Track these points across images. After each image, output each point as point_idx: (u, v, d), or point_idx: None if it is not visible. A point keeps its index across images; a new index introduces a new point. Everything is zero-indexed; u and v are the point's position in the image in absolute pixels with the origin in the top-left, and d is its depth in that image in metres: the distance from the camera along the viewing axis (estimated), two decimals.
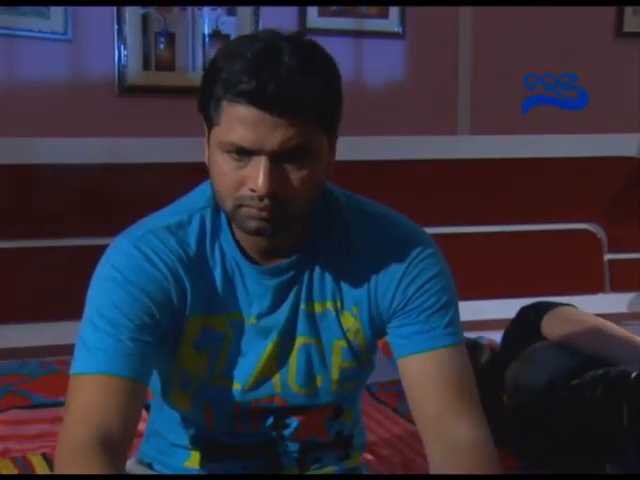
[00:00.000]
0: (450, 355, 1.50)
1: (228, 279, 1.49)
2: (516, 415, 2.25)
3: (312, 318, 1.51)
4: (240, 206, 1.38)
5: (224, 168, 1.37)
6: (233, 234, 1.48)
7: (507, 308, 2.69)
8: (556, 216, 3.07)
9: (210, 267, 1.48)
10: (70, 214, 2.94)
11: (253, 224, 1.39)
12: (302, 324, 1.51)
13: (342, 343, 1.53)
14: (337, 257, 1.50)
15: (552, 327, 2.35)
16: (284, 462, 1.61)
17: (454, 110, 3.44)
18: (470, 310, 2.90)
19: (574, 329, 2.31)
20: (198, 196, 1.51)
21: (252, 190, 1.36)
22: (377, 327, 1.53)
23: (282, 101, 1.31)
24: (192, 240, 1.47)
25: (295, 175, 1.37)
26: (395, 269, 1.49)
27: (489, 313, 3.02)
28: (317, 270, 1.50)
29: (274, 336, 1.50)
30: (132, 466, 1.68)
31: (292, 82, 1.31)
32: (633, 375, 2.06)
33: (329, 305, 1.51)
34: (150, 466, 1.68)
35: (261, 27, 3.13)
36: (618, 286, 3.10)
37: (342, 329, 1.52)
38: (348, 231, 1.51)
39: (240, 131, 1.33)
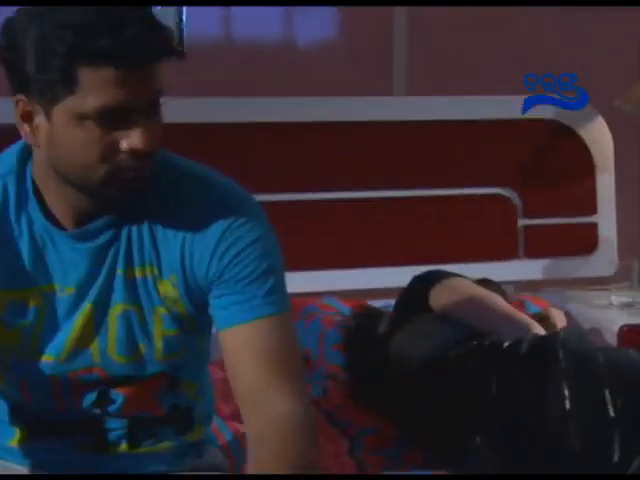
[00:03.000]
0: (271, 326, 1.43)
1: (37, 250, 1.42)
2: (399, 387, 2.20)
3: (131, 284, 1.44)
4: (116, 171, 1.32)
5: (89, 138, 1.30)
6: (40, 202, 1.41)
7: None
8: (469, 180, 2.99)
9: (15, 238, 1.41)
10: None
11: (131, 186, 1.35)
12: (120, 290, 1.44)
13: (162, 311, 1.46)
14: (154, 221, 1.44)
15: (439, 298, 2.30)
16: (111, 438, 1.55)
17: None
18: (384, 276, 2.85)
19: (459, 301, 2.26)
20: None
21: (130, 151, 1.30)
22: (196, 297, 1.46)
23: (145, 54, 1.27)
24: None
25: (159, 126, 1.34)
26: (210, 237, 1.42)
27: (404, 280, 2.95)
28: (135, 233, 1.43)
29: (87, 303, 1.44)
30: None
31: (145, 31, 1.26)
32: (505, 345, 2.01)
33: (147, 271, 1.44)
34: None
35: None
36: (532, 252, 3.04)
37: (160, 297, 1.45)
38: (164, 193, 1.44)
39: (109, 93, 1.27)
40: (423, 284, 2.36)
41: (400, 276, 2.55)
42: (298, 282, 2.89)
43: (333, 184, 2.92)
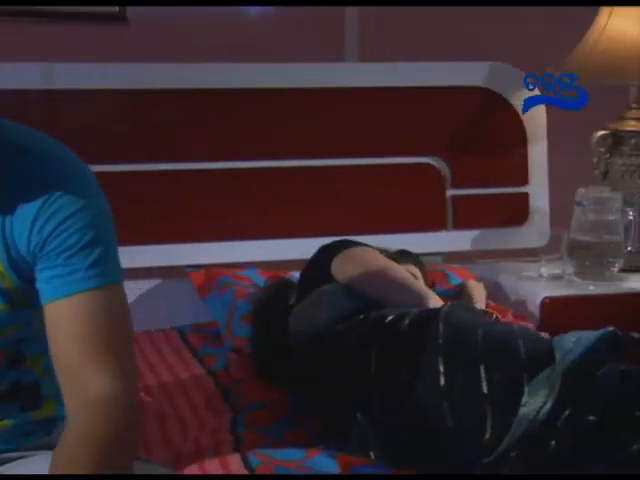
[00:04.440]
0: (94, 299, 1.38)
1: None
2: (293, 360, 2.16)
3: None
4: None
5: None
6: None
7: None
8: (397, 149, 2.92)
9: None
10: None
11: None
12: None
13: None
14: None
15: (341, 268, 2.25)
16: None
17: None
18: (310, 247, 2.77)
19: (359, 271, 2.21)
20: None
21: None
22: (23, 271, 1.41)
23: None
24: None
25: None
26: (29, 209, 1.37)
27: None
28: None
29: None
30: None
31: None
32: (388, 319, 1.95)
33: None
34: None
35: None
36: (461, 223, 2.97)
37: None
38: None
39: None
40: (327, 254, 2.31)
41: None
42: (221, 252, 2.86)
43: (252, 153, 2.86)
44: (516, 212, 3.02)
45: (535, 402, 1.72)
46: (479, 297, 2.57)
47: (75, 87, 2.76)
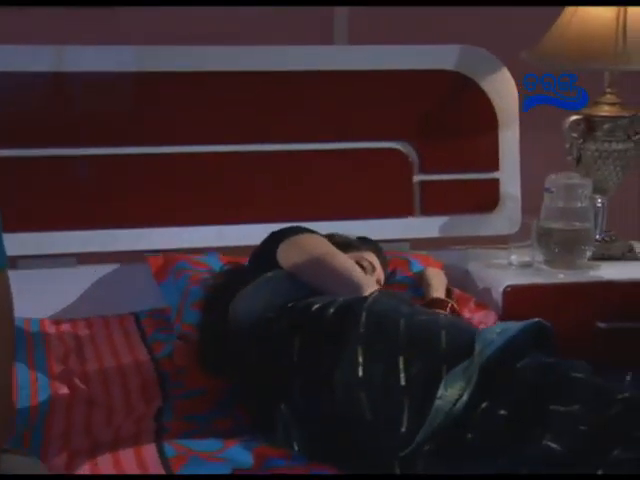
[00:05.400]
0: None
1: None
2: (231, 348, 2.12)
3: None
4: None
5: None
6: None
7: None
8: (364, 134, 2.86)
9: None
10: None
11: None
12: None
13: None
14: None
15: (285, 255, 2.21)
16: None
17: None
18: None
19: (302, 259, 2.17)
20: None
21: None
22: None
23: None
24: None
25: None
26: None
27: None
28: None
29: None
30: None
31: None
32: (314, 308, 1.91)
33: None
34: None
35: None
36: (429, 209, 2.91)
37: None
38: None
39: None
40: (274, 240, 2.28)
41: None
42: (186, 238, 2.83)
43: (216, 137, 2.82)
44: (486, 198, 2.96)
45: (452, 395, 1.68)
46: (437, 285, 2.52)
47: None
